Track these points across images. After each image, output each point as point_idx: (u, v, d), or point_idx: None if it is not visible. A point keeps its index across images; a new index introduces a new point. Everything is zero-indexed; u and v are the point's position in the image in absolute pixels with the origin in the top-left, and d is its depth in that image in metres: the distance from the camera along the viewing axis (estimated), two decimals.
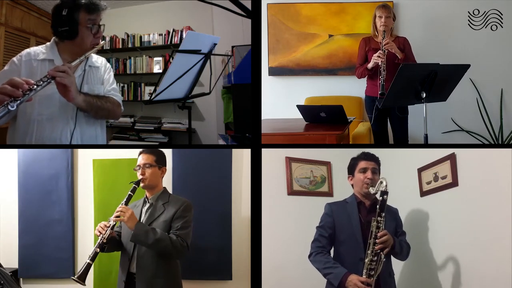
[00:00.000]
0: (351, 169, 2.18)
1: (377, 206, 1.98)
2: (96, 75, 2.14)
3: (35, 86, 1.73)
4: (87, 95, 2.01)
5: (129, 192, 2.10)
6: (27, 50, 2.02)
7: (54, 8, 1.99)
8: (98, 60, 2.19)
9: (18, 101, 1.68)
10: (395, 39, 3.22)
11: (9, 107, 1.65)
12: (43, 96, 1.95)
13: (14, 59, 2.00)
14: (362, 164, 2.12)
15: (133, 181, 2.13)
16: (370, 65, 3.15)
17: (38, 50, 2.04)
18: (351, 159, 2.19)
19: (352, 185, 2.19)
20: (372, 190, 2.03)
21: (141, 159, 2.15)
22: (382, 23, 3.14)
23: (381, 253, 1.94)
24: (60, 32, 1.99)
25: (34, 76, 1.94)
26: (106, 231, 2.01)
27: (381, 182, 1.99)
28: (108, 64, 2.24)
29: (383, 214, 1.96)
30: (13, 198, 2.73)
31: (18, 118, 2.02)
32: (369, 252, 1.96)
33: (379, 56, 3.06)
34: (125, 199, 2.08)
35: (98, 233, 2.03)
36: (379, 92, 3.03)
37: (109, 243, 2.07)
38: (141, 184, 2.13)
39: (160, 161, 2.18)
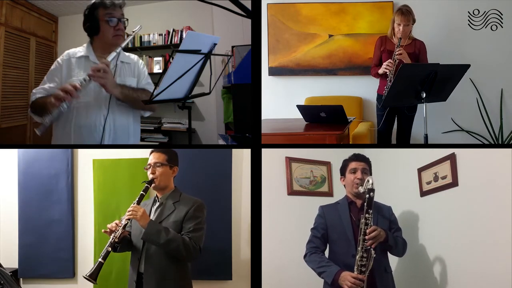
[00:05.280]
0: (342, 171, 2.24)
1: (365, 204, 2.02)
2: (128, 69, 2.37)
3: (79, 86, 2.10)
4: (124, 88, 2.25)
5: (141, 192, 2.06)
6: (67, 51, 2.33)
7: (84, 12, 2.33)
8: (130, 56, 2.44)
9: (68, 103, 2.09)
10: (412, 42, 3.21)
11: (61, 108, 2.07)
12: None
13: (58, 59, 2.32)
14: (352, 165, 2.18)
15: (145, 181, 2.09)
16: (380, 71, 3.18)
17: (77, 50, 2.33)
18: (343, 161, 2.24)
19: (345, 186, 2.23)
20: (361, 189, 2.07)
21: (152, 158, 2.13)
22: (400, 31, 3.12)
23: (371, 248, 1.97)
24: (86, 29, 2.30)
25: (72, 71, 2.26)
26: (118, 230, 1.98)
27: (368, 181, 2.03)
28: (141, 60, 2.49)
29: (371, 211, 2.00)
30: (13, 198, 2.73)
31: None
32: (359, 248, 1.99)
33: (388, 65, 3.08)
34: (137, 199, 2.05)
35: (109, 231, 2.00)
36: None
37: (121, 243, 2.04)
38: (152, 185, 2.09)
39: (172, 161, 2.15)
